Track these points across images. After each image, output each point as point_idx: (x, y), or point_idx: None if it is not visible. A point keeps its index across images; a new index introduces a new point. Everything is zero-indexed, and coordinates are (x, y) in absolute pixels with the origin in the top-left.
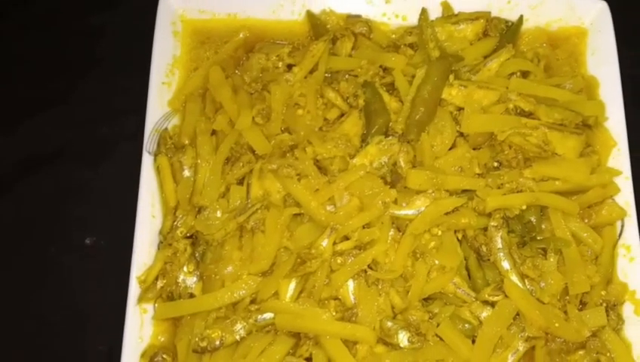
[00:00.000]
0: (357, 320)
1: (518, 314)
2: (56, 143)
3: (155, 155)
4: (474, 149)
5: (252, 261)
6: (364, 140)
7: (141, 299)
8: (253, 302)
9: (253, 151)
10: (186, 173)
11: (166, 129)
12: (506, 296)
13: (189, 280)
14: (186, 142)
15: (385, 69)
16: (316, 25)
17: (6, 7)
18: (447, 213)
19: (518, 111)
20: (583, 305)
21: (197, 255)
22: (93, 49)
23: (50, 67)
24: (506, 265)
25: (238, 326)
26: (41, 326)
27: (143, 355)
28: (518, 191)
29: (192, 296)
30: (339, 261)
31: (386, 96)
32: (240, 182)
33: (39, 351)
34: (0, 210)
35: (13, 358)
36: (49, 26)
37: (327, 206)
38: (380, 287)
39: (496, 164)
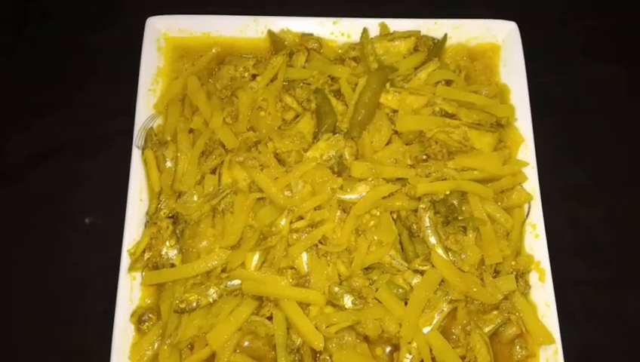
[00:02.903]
0: (309, 285)
1: (442, 281)
2: (61, 139)
3: (143, 149)
4: (406, 145)
5: (223, 237)
6: (316, 137)
7: (131, 269)
8: (223, 270)
9: (223, 146)
10: (168, 164)
11: (152, 128)
12: (432, 265)
13: (170, 252)
14: (169, 138)
15: (333, 78)
16: (276, 42)
17: (20, 27)
18: (384, 197)
19: (443, 113)
20: (496, 273)
21: (177, 232)
22: (92, 62)
23: (56, 76)
24: (432, 240)
25: (211, 290)
26: (49, 291)
27: (132, 314)
28: (442, 179)
29: (173, 265)
30: (294, 237)
31: (333, 101)
32: (213, 172)
33: (47, 312)
34: (14, 194)
35: (26, 319)
36: (55, 43)
37: (285, 191)
38: (328, 259)
39: (424, 157)
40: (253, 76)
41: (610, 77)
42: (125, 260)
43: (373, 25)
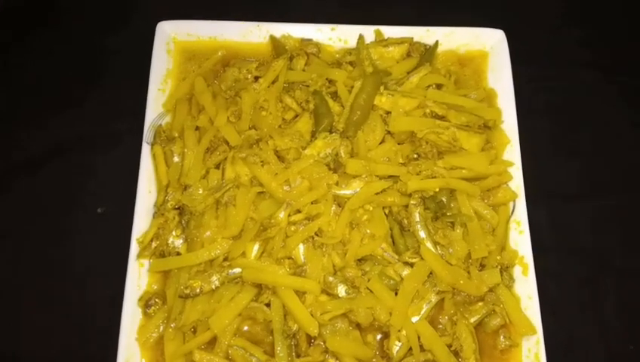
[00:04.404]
0: (306, 275)
1: (431, 273)
2: (77, 135)
3: (152, 145)
4: (399, 144)
5: (225, 228)
6: (314, 136)
7: (139, 256)
8: (225, 259)
9: (227, 143)
10: (176, 159)
11: (161, 125)
12: (422, 258)
13: (176, 241)
14: (176, 135)
15: (330, 81)
16: (277, 46)
17: (34, 31)
18: (377, 193)
19: (434, 115)
20: (482, 266)
21: (183, 222)
22: (106, 63)
23: (72, 76)
24: (422, 234)
25: (214, 278)
26: (63, 276)
27: (140, 299)
28: (432, 177)
29: (178, 254)
30: (292, 229)
31: (330, 102)
32: (217, 167)
33: (60, 295)
34: (34, 185)
35: (40, 302)
36: (70, 45)
37: (284, 186)
38: (324, 250)
39: (415, 156)
40: (256, 78)
41: (592, 83)
42: (134, 248)
43: (368, 31)
